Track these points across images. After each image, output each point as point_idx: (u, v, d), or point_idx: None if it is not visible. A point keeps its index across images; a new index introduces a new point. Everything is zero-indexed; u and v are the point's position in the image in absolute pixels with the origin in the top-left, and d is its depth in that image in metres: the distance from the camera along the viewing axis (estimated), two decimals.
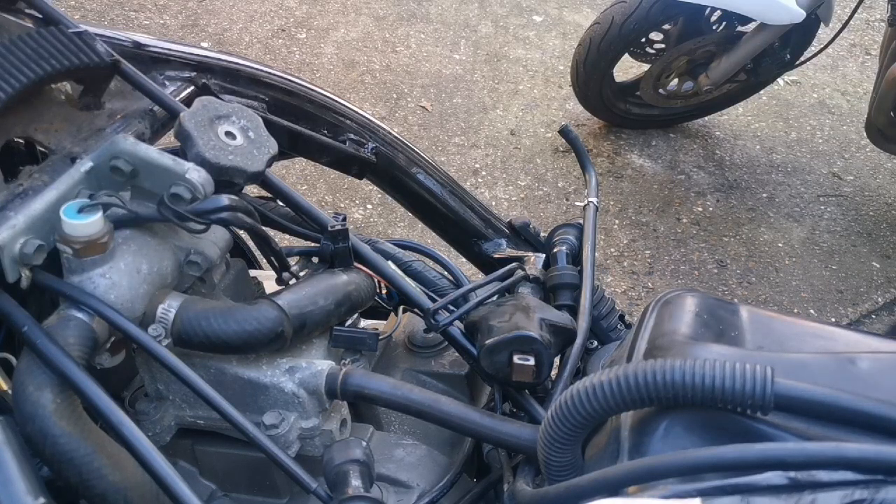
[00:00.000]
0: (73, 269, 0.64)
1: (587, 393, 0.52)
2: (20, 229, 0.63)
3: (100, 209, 0.64)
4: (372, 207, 2.23)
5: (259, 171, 0.72)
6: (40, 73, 0.67)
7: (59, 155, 0.72)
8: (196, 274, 0.71)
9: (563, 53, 3.16)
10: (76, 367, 0.60)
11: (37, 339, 0.60)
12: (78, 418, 0.61)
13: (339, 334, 0.74)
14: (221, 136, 0.72)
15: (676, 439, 0.52)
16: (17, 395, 0.60)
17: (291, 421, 0.69)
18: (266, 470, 0.74)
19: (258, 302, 0.69)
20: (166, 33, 3.06)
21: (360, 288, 0.76)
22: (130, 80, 0.76)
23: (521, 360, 0.70)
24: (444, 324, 0.75)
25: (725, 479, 0.47)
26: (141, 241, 0.68)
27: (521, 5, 3.49)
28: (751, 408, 0.49)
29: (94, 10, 3.15)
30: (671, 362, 0.50)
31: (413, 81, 2.86)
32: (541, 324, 0.72)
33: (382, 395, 0.69)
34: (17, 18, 0.77)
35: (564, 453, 0.55)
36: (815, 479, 0.46)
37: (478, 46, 3.18)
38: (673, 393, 0.50)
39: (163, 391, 0.72)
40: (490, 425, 0.68)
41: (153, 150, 0.69)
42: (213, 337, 0.65)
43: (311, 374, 0.70)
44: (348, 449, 0.63)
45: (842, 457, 0.46)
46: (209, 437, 0.74)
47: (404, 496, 0.75)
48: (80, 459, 0.59)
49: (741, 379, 0.49)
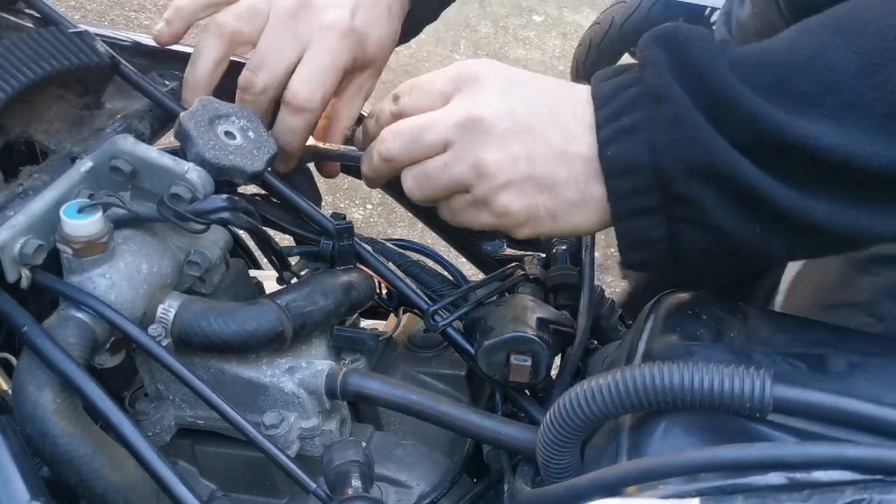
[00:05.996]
0: (73, 269, 0.64)
1: (585, 397, 0.52)
2: (20, 229, 0.63)
3: (100, 209, 0.64)
4: (372, 207, 2.23)
5: (259, 171, 0.72)
6: (40, 73, 0.67)
7: (59, 155, 0.72)
8: (196, 274, 0.71)
9: (563, 53, 3.17)
10: (76, 367, 0.60)
11: (37, 339, 0.60)
12: (78, 418, 0.61)
13: (340, 334, 0.74)
14: (221, 136, 0.72)
15: (675, 440, 0.52)
16: (17, 395, 0.60)
17: (291, 421, 0.69)
18: (266, 470, 0.74)
19: (258, 302, 0.69)
20: None
21: (360, 288, 0.76)
22: (130, 81, 0.77)
23: (518, 361, 0.70)
24: (444, 324, 0.75)
25: (725, 480, 0.47)
26: (141, 241, 0.68)
27: (521, 5, 3.49)
28: (749, 411, 0.49)
29: (94, 10, 3.15)
30: (669, 366, 0.50)
31: None
32: (539, 324, 0.72)
33: (382, 395, 0.70)
34: (17, 18, 0.78)
35: (563, 455, 0.55)
36: (815, 479, 0.46)
37: (478, 46, 3.18)
38: (671, 397, 0.50)
39: (162, 391, 0.72)
40: (489, 426, 0.68)
41: (153, 150, 0.69)
42: (212, 337, 0.65)
43: (311, 374, 0.70)
44: (348, 449, 0.63)
45: (842, 457, 0.46)
46: (209, 437, 0.74)
47: (404, 496, 0.75)
48: (80, 459, 0.59)
49: (739, 383, 0.49)
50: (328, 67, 0.77)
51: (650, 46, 0.61)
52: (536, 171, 0.63)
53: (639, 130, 0.59)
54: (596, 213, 0.64)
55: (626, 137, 0.60)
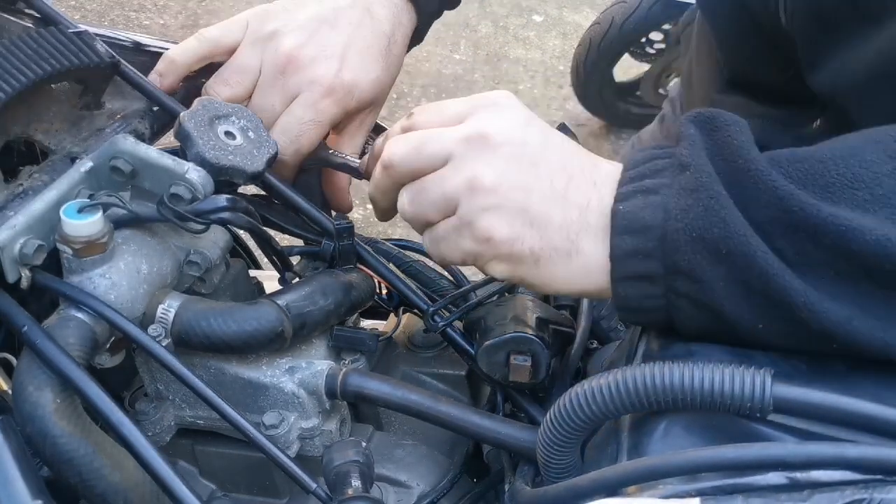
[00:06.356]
0: (73, 269, 0.64)
1: (585, 397, 0.52)
2: (20, 229, 0.63)
3: (100, 209, 0.64)
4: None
5: (259, 171, 0.72)
6: (40, 73, 0.67)
7: (59, 155, 0.72)
8: (196, 274, 0.71)
9: (563, 53, 3.17)
10: (76, 367, 0.60)
11: (37, 339, 0.60)
12: (78, 418, 0.61)
13: (340, 334, 0.74)
14: (221, 136, 0.72)
15: (676, 439, 0.52)
16: (17, 395, 0.60)
17: (291, 421, 0.69)
18: (266, 470, 0.74)
19: (258, 302, 0.69)
20: (166, 33, 3.06)
21: (360, 288, 0.76)
22: (130, 81, 0.77)
23: (518, 361, 0.70)
24: (444, 324, 0.75)
25: (725, 479, 0.47)
26: (141, 241, 0.68)
27: (521, 5, 3.49)
28: (749, 411, 0.49)
29: (94, 10, 3.15)
30: (669, 366, 0.50)
31: (413, 81, 2.86)
32: (539, 324, 0.72)
33: (382, 395, 0.70)
34: (16, 18, 0.78)
35: (563, 455, 0.55)
36: (815, 479, 0.46)
37: (478, 46, 3.18)
38: (671, 397, 0.50)
39: (162, 391, 0.72)
40: (489, 426, 0.68)
41: (153, 150, 0.69)
42: (212, 337, 0.65)
43: (311, 374, 0.70)
44: (348, 449, 0.63)
45: (842, 457, 0.46)
46: (209, 437, 0.75)
47: (404, 496, 0.75)
48: (80, 459, 0.59)
49: (739, 383, 0.49)
50: (307, 123, 0.77)
51: (686, 125, 0.59)
52: (531, 205, 0.59)
53: (657, 193, 0.56)
54: (579, 270, 0.60)
55: (643, 197, 0.57)
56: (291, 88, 0.77)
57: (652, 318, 0.58)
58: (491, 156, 0.61)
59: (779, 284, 0.52)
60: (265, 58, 0.78)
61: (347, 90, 0.79)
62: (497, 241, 0.60)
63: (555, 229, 0.59)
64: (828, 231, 0.51)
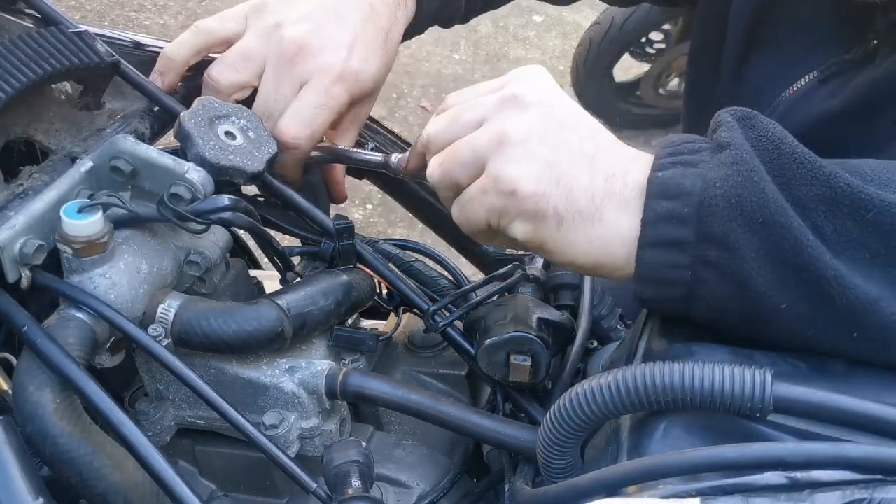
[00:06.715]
0: (73, 269, 0.64)
1: (585, 396, 0.52)
2: (20, 229, 0.63)
3: (100, 209, 0.64)
4: (372, 207, 2.24)
5: (259, 171, 0.72)
6: (40, 73, 0.67)
7: (59, 155, 0.72)
8: (196, 274, 0.71)
9: (563, 53, 3.17)
10: (76, 367, 0.60)
11: (37, 339, 0.60)
12: (78, 418, 0.61)
13: (340, 334, 0.74)
14: (221, 136, 0.72)
15: (676, 439, 0.52)
16: (17, 395, 0.60)
17: (291, 421, 0.69)
18: (266, 470, 0.74)
19: (258, 302, 0.69)
20: (166, 33, 3.06)
21: (360, 288, 0.76)
22: (130, 81, 0.77)
23: (518, 361, 0.70)
24: (444, 324, 0.75)
25: (725, 479, 0.47)
26: (141, 241, 0.68)
27: (521, 5, 3.49)
28: (750, 411, 0.49)
29: (94, 10, 3.15)
30: (669, 366, 0.50)
31: (413, 81, 2.86)
32: (539, 324, 0.72)
33: (382, 395, 0.70)
34: (17, 18, 0.78)
35: (563, 455, 0.55)
36: (815, 479, 0.46)
37: (478, 46, 3.19)
38: (672, 397, 0.50)
39: (163, 391, 0.72)
40: (489, 426, 0.68)
41: (153, 150, 0.69)
42: (213, 337, 0.65)
43: (311, 374, 0.70)
44: (348, 449, 0.63)
45: (842, 457, 0.46)
46: (209, 437, 0.75)
47: (404, 496, 0.75)
48: (80, 459, 0.59)
49: (740, 382, 0.49)
50: (320, 108, 0.78)
51: (722, 114, 0.59)
52: (558, 163, 0.60)
53: (695, 166, 0.57)
54: (599, 239, 0.60)
55: (682, 168, 0.57)
56: (301, 75, 0.77)
57: (672, 291, 0.58)
58: (523, 112, 0.61)
59: (811, 256, 0.52)
60: (272, 47, 0.78)
61: (356, 77, 0.79)
62: (522, 194, 0.60)
63: (580, 191, 0.59)
64: (871, 206, 0.52)
